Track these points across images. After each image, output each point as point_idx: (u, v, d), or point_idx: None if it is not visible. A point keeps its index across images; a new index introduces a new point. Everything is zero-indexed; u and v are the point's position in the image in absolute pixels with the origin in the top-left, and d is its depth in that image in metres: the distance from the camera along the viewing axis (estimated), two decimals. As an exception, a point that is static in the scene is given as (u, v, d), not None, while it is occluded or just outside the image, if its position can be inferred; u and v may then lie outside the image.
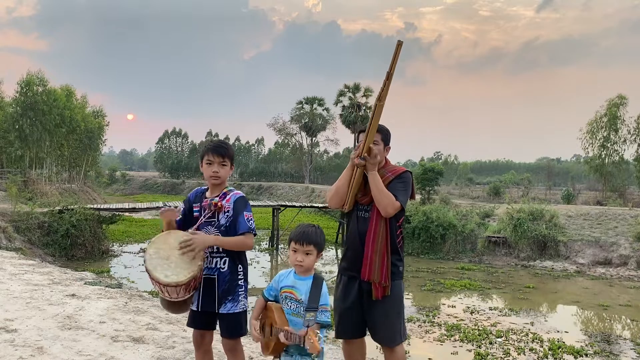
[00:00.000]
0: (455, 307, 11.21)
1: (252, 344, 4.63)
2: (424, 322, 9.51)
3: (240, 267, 3.00)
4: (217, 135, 71.27)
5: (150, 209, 20.86)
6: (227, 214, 2.98)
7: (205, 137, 70.89)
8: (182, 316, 3.84)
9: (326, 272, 15.36)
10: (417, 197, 20.75)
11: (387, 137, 3.24)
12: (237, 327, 2.98)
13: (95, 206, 19.77)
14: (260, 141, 76.11)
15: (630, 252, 16.48)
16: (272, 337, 2.65)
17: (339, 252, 19.96)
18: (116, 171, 70.44)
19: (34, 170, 33.81)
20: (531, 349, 8.04)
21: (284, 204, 23.22)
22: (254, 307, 2.82)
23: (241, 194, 3.06)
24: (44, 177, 35.02)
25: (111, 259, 16.83)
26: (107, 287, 8.12)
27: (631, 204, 26.11)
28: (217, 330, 3.08)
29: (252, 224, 2.96)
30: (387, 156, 3.29)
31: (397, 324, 3.13)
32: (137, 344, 4.65)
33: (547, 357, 7.70)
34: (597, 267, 16.54)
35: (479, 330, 9.03)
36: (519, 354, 7.78)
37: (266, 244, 21.07)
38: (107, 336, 4.83)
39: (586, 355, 7.98)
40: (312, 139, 53.95)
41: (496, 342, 8.31)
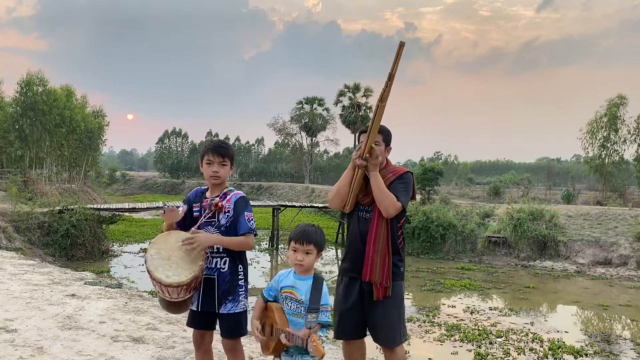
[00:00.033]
0: (455, 307, 11.21)
1: (252, 344, 4.63)
2: (424, 322, 9.51)
3: (240, 267, 3.00)
4: (217, 135, 71.34)
5: (150, 209, 20.88)
6: (228, 214, 2.97)
7: (205, 137, 71.04)
8: (182, 316, 3.83)
9: (326, 272, 15.36)
10: (417, 197, 20.72)
11: (388, 138, 3.24)
12: (237, 327, 2.98)
13: (95, 206, 19.78)
14: (260, 141, 76.28)
15: (630, 252, 16.48)
16: (273, 337, 2.65)
17: (339, 252, 19.96)
18: (116, 171, 70.48)
19: (34, 170, 33.82)
20: (531, 349, 8.04)
21: (284, 204, 23.22)
22: (254, 307, 2.81)
23: (242, 194, 3.06)
24: (44, 177, 35.02)
25: (111, 259, 16.83)
26: (107, 287, 8.12)
27: (631, 204, 26.12)
28: (217, 330, 3.08)
29: (252, 224, 2.96)
30: (388, 157, 3.29)
31: (397, 325, 3.13)
32: (137, 344, 4.65)
33: (547, 357, 7.70)
34: (597, 267, 16.54)
35: (479, 330, 9.03)
36: (519, 354, 7.78)
37: (266, 244, 21.08)
38: (107, 336, 4.83)
39: (586, 355, 7.97)
40: (312, 139, 53.99)
41: (496, 342, 8.31)
